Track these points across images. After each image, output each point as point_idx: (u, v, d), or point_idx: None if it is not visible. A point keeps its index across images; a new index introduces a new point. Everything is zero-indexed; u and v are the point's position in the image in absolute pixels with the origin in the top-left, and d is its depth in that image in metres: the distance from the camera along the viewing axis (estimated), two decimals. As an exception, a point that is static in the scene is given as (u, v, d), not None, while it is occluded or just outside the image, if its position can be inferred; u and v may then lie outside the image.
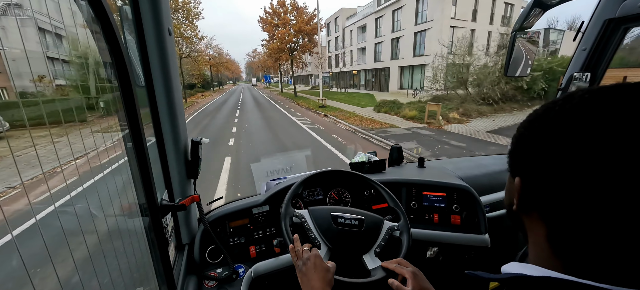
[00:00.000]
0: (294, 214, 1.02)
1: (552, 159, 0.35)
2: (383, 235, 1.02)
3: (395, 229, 1.05)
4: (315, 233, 0.97)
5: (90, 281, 0.62)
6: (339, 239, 0.97)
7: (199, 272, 1.16)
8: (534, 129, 0.39)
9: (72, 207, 0.59)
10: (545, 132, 0.36)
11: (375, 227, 1.03)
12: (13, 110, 0.70)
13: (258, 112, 16.25)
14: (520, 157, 0.41)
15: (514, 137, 0.43)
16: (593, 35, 1.18)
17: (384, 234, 1.02)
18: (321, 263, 0.81)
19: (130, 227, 0.79)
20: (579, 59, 1.25)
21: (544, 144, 0.36)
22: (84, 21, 0.61)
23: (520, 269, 0.40)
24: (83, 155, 0.63)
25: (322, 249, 0.94)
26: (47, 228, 0.49)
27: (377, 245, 0.99)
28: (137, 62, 0.83)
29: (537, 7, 1.17)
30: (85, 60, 0.72)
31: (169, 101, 0.92)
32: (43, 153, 0.51)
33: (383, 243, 1.00)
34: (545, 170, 0.36)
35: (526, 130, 0.40)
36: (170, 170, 1.01)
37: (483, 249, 1.32)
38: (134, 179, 0.80)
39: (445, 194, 1.40)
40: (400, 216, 1.10)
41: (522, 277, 0.38)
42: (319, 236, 0.97)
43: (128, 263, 0.75)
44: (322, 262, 0.81)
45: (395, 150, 1.74)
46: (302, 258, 0.83)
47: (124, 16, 0.80)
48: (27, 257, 0.45)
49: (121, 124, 0.76)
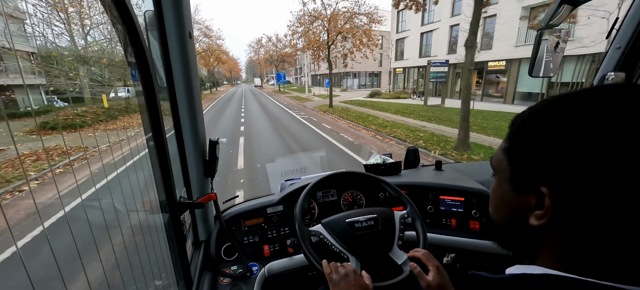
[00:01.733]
0: (310, 235, 0.98)
1: (611, 162, 0.29)
2: (398, 226, 1.01)
3: (407, 217, 1.05)
4: (338, 246, 0.94)
5: (113, 272, 0.66)
6: (362, 245, 0.95)
7: (215, 269, 1.19)
8: (572, 126, 0.32)
9: (99, 202, 0.63)
10: (599, 129, 0.30)
11: (390, 221, 1.02)
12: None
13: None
14: (544, 161, 0.34)
15: (523, 135, 0.36)
16: (629, 33, 1.10)
17: (398, 225, 1.02)
18: (360, 280, 0.79)
19: (150, 223, 0.83)
20: (612, 58, 1.17)
21: (597, 143, 0.29)
22: (110, 25, 0.65)
23: (522, 269, 0.39)
24: (110, 154, 0.67)
25: (351, 261, 0.91)
26: (75, 221, 0.53)
27: (397, 239, 0.98)
28: (160, 65, 0.87)
29: (566, 3, 1.10)
30: (110, 62, 0.76)
31: (189, 102, 0.96)
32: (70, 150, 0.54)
33: (401, 234, 1.00)
34: (599, 177, 0.29)
35: (554, 126, 0.33)
36: (189, 169, 1.04)
37: (503, 256, 1.26)
38: (155, 177, 0.83)
39: (464, 198, 1.35)
40: (407, 205, 1.09)
41: (524, 276, 0.37)
42: (343, 248, 0.94)
43: (148, 257, 0.78)
44: (360, 280, 0.79)
45: (412, 152, 1.70)
46: (338, 273, 0.80)
47: (149, 21, 0.84)
48: (57, 247, 0.48)
49: (144, 124, 0.79)
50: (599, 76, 1.21)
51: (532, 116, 0.37)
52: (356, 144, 7.84)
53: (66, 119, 1.32)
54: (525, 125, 0.37)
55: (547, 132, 0.34)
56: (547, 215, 0.34)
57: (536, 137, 0.35)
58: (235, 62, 75.62)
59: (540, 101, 0.37)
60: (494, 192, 0.44)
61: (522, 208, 0.37)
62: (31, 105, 0.51)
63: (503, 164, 0.40)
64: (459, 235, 1.32)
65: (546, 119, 0.34)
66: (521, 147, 0.37)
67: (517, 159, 0.38)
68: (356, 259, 0.92)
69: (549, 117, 0.34)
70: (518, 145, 0.38)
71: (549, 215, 0.34)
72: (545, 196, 0.34)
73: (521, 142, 0.37)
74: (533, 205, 0.36)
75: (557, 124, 0.33)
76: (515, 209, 0.39)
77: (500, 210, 0.43)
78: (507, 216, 0.41)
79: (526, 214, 0.37)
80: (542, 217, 0.35)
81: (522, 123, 0.38)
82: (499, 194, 0.42)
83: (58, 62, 0.82)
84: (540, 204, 0.35)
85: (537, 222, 0.35)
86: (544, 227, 0.35)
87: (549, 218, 0.34)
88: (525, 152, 0.36)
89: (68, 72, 0.88)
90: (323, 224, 1.00)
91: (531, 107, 0.38)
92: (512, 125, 0.40)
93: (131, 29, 0.62)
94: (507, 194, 0.40)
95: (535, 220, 0.36)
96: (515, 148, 0.38)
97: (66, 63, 0.89)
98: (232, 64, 66.26)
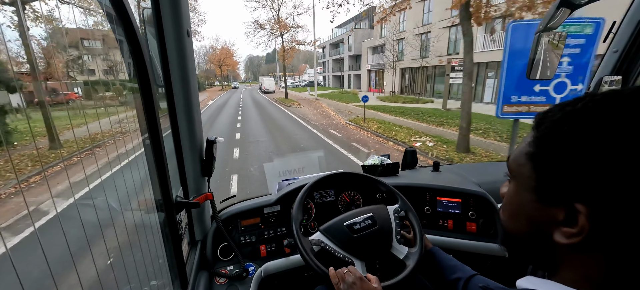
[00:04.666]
0: (312, 245, 0.98)
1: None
2: (394, 221, 1.02)
3: (400, 211, 1.06)
4: (341, 252, 0.94)
5: (108, 272, 0.65)
6: (363, 245, 0.96)
7: (211, 269, 1.18)
8: (627, 134, 0.26)
9: (94, 201, 0.62)
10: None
11: (386, 217, 1.03)
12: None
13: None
14: (583, 175, 0.28)
15: (554, 140, 0.31)
16: (626, 37, 1.10)
17: (393, 220, 1.03)
18: (368, 286, 0.78)
19: (146, 222, 0.82)
20: (609, 62, 1.18)
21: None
22: (107, 23, 0.64)
23: (536, 284, 0.35)
24: (104, 152, 0.66)
25: (357, 265, 0.92)
26: (68, 220, 0.52)
27: (395, 234, 1.00)
28: (157, 63, 0.86)
29: (564, 6, 1.11)
30: (109, 62, 0.75)
31: (186, 101, 0.95)
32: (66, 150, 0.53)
33: (398, 229, 1.01)
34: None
35: (601, 134, 0.28)
36: (186, 168, 1.03)
37: (500, 258, 1.26)
38: (151, 176, 0.82)
39: (461, 200, 1.35)
40: (398, 199, 1.10)
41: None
42: (346, 253, 0.94)
43: (143, 257, 0.77)
44: (368, 285, 0.78)
45: (410, 153, 1.70)
46: (346, 281, 0.79)
47: (146, 18, 0.83)
48: (49, 247, 0.47)
49: (140, 122, 0.78)
50: (596, 79, 1.22)
51: (569, 118, 0.30)
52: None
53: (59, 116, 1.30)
54: (558, 129, 0.31)
55: (591, 141, 0.28)
56: (580, 235, 0.30)
57: (574, 144, 0.29)
58: (228, 53, 44.21)
59: (576, 99, 0.31)
60: (510, 199, 0.39)
61: (545, 221, 0.33)
62: (22, 104, 0.51)
63: (525, 171, 0.35)
64: (455, 236, 1.32)
65: (589, 124, 0.28)
66: (552, 155, 0.31)
67: (546, 168, 0.32)
68: (360, 261, 0.93)
69: (593, 122, 0.28)
70: (547, 152, 0.32)
71: (583, 236, 0.30)
72: (579, 214, 0.29)
73: (552, 149, 0.31)
74: (560, 220, 0.31)
75: (604, 131, 0.27)
76: (536, 221, 0.34)
77: (517, 220, 0.38)
78: (525, 227, 0.37)
79: (549, 228, 0.33)
80: (573, 235, 0.30)
81: (553, 126, 0.32)
82: (516, 202, 0.38)
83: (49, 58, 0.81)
84: (571, 220, 0.30)
85: (566, 240, 0.31)
86: (572, 246, 0.31)
87: (583, 238, 0.30)
88: (558, 161, 0.31)
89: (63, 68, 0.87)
90: (322, 231, 1.00)
91: (564, 106, 0.32)
92: (537, 126, 0.34)
93: (128, 26, 0.61)
94: (528, 204, 0.35)
95: (562, 238, 0.31)
96: (543, 155, 0.33)
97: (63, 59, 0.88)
98: (225, 55, 41.95)
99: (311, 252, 0.94)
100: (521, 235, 0.37)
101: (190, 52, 0.93)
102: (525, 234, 0.36)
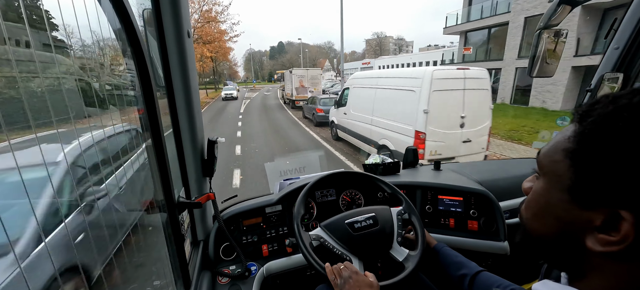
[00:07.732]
0: (311, 240, 0.99)
1: None
2: (396, 223, 1.02)
3: (403, 213, 1.06)
4: (340, 249, 0.95)
5: (112, 271, 0.65)
6: (362, 244, 0.96)
7: (213, 268, 1.18)
8: None
9: (97, 202, 0.62)
10: None
11: (388, 218, 1.03)
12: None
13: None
14: (635, 180, 0.25)
15: (602, 138, 0.27)
16: (627, 34, 1.10)
17: (396, 222, 1.02)
18: (364, 279, 0.78)
19: (149, 223, 0.82)
20: (610, 59, 1.17)
21: None
22: (109, 25, 0.64)
23: (554, 289, 0.33)
24: (105, 153, 0.66)
25: (354, 262, 0.92)
26: (73, 221, 0.52)
27: (397, 236, 0.99)
28: (158, 63, 0.86)
29: (565, 3, 1.10)
30: (109, 63, 0.75)
31: (187, 101, 0.95)
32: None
33: (400, 231, 1.01)
34: None
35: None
36: (188, 169, 1.03)
37: (502, 256, 1.26)
38: (153, 176, 0.83)
39: (462, 198, 1.35)
40: (403, 202, 1.10)
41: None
42: (345, 250, 0.95)
43: (146, 257, 0.77)
44: (364, 278, 0.79)
45: (411, 152, 1.70)
46: (342, 276, 0.80)
47: (147, 19, 0.83)
48: (53, 247, 0.47)
49: (142, 123, 0.79)
50: (597, 76, 1.22)
51: (623, 114, 0.26)
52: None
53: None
54: (608, 125, 0.27)
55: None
56: (621, 243, 0.27)
57: (627, 144, 0.25)
58: (223, 43, 26.39)
59: (632, 91, 0.28)
60: (537, 196, 0.35)
61: (577, 225, 0.30)
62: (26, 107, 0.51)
63: (560, 168, 0.31)
64: (457, 235, 1.32)
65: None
66: (598, 154, 0.28)
67: (588, 168, 0.29)
68: (358, 260, 0.93)
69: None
70: (592, 149, 0.28)
71: (624, 245, 0.27)
72: (623, 221, 0.26)
73: (599, 146, 0.28)
74: (597, 225, 0.29)
75: None
76: (567, 222, 0.31)
77: (543, 220, 0.34)
78: (551, 228, 0.33)
79: (582, 232, 0.30)
80: (611, 243, 0.28)
81: (602, 121, 0.28)
82: (544, 200, 0.34)
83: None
84: (609, 226, 0.28)
85: (601, 248, 0.28)
86: (609, 254, 0.28)
87: (624, 247, 0.27)
88: (604, 162, 0.27)
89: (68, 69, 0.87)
90: (323, 227, 1.00)
91: (616, 98, 0.28)
92: (580, 120, 0.30)
93: (128, 27, 0.62)
94: (559, 205, 0.32)
95: (597, 245, 0.29)
96: (586, 153, 0.29)
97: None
98: (219, 46, 26.06)
99: (310, 247, 0.95)
100: (546, 237, 0.34)
101: (191, 52, 0.93)
102: (552, 236, 0.33)
